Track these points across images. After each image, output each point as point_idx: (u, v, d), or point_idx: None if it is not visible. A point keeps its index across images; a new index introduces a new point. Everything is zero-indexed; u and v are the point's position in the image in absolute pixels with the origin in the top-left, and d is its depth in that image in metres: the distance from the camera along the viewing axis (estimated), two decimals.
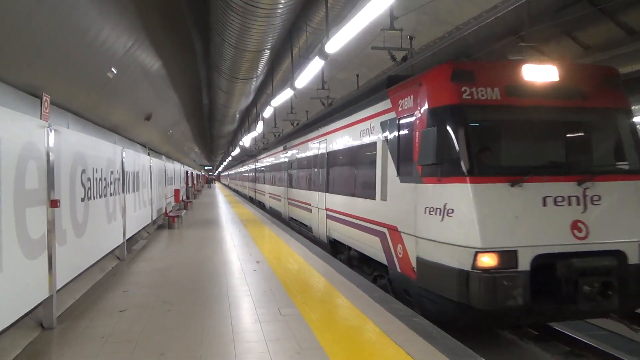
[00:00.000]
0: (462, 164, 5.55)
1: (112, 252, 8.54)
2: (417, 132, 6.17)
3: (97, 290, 6.77)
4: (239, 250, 10.21)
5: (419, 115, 6.22)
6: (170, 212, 16.37)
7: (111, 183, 8.07)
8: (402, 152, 6.65)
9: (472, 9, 8.77)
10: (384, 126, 7.39)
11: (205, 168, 78.76)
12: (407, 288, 6.60)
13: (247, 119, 27.78)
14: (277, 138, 24.30)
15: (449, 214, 5.56)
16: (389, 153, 7.16)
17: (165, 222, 15.40)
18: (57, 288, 5.24)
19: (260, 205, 26.08)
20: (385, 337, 4.75)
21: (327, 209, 10.84)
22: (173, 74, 14.42)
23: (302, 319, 5.33)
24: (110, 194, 8.01)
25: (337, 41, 7.60)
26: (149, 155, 15.27)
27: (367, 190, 8.14)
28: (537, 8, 8.50)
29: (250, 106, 22.06)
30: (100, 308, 5.87)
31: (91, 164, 6.78)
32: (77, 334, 4.91)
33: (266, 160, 24.08)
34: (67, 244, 5.66)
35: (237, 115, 22.84)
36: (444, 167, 5.70)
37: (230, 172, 70.11)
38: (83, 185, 6.38)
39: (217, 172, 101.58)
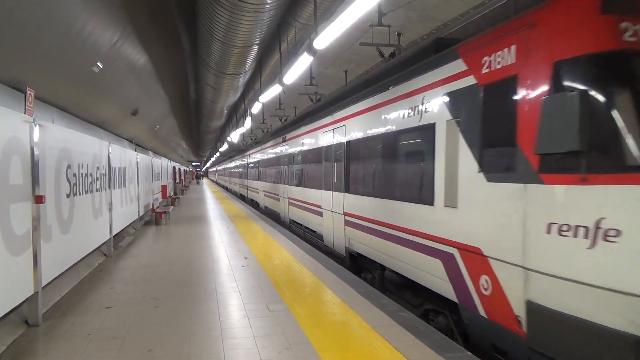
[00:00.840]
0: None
1: (98, 248, 8.47)
2: (529, 103, 4.06)
3: (84, 287, 6.71)
4: (227, 246, 10.18)
5: (534, 74, 4.05)
6: (157, 208, 16.25)
7: (97, 179, 7.98)
8: (491, 134, 4.55)
9: (460, 5, 8.82)
10: (451, 99, 5.24)
11: (193, 164, 78.24)
12: (501, 344, 4.48)
13: (235, 114, 27.65)
14: (275, 128, 21.65)
15: (610, 238, 3.34)
16: (461, 137, 5.01)
17: (152, 218, 15.30)
18: (43, 285, 5.18)
19: (254, 205, 24.06)
20: (373, 331, 4.79)
21: (345, 214, 8.87)
22: (160, 68, 14.28)
23: (290, 315, 5.35)
24: (97, 190, 7.93)
25: (326, 37, 7.59)
26: (135, 150, 15.14)
27: (417, 191, 6.06)
28: (524, 4, 8.57)
29: (238, 102, 21.95)
30: (86, 305, 5.82)
31: (77, 160, 6.71)
32: (63, 331, 4.87)
33: (261, 154, 21.60)
34: (52, 240, 5.59)
35: (225, 111, 22.72)
36: (596, 158, 3.52)
37: (219, 168, 68.00)
38: (68, 180, 6.31)
39: (204, 168, 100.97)
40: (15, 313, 4.90)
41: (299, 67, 10.00)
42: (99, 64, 9.95)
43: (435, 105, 5.64)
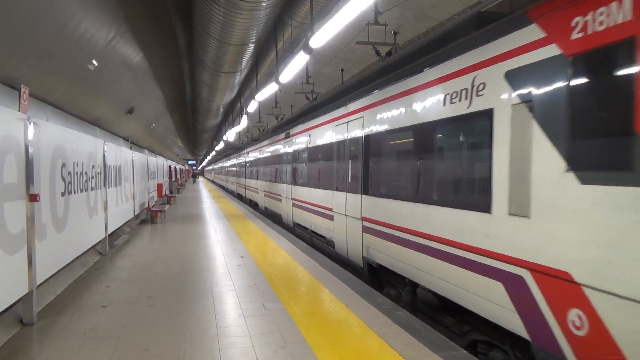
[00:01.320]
0: None
1: (93, 247, 8.44)
2: None
3: (79, 286, 6.68)
4: (223, 245, 10.16)
5: None
6: (153, 206, 16.20)
7: (92, 177, 7.95)
8: (588, 120, 3.48)
9: (456, 4, 8.83)
10: (520, 77, 4.14)
11: (189, 162, 78.06)
12: None
13: (231, 113, 27.59)
14: (276, 124, 19.83)
15: None
16: (535, 126, 3.90)
17: (148, 217, 15.25)
18: (37, 284, 5.16)
19: (253, 205, 23.06)
20: (369, 330, 4.79)
21: (364, 219, 7.76)
22: (156, 66, 14.23)
23: (286, 314, 5.34)
24: (92, 188, 7.90)
25: (322, 35, 7.58)
26: (131, 149, 15.08)
27: (464, 195, 4.95)
28: (519, 4, 8.58)
29: (234, 100, 21.90)
30: (81, 303, 5.80)
31: (72, 158, 6.68)
32: (58, 330, 4.84)
33: (261, 152, 20.34)
34: (47, 238, 5.57)
35: (221, 109, 22.67)
36: None
37: (215, 167, 67.05)
38: (63, 179, 6.28)
39: (200, 166, 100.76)
40: (10, 312, 4.88)
41: (295, 66, 9.98)
42: (94, 61, 9.90)
43: (493, 87, 4.51)
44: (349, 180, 8.59)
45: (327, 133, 10.16)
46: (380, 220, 7.12)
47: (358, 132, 8.13)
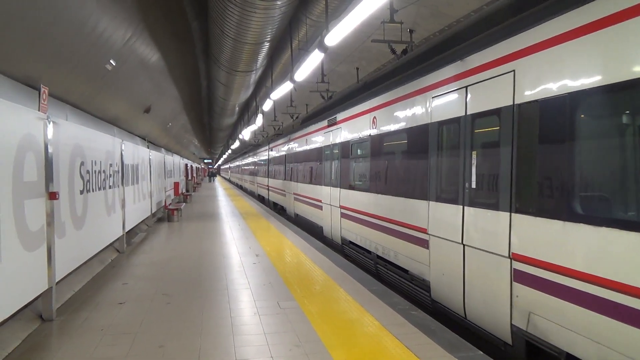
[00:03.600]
0: None
1: (111, 244, 8.55)
2: None
3: (97, 283, 6.78)
4: (239, 243, 10.21)
5: None
6: (169, 204, 16.35)
7: (110, 175, 8.05)
8: None
9: (472, 1, 8.73)
10: None
11: (205, 161, 78.62)
12: None
13: (247, 111, 27.70)
14: (310, 112, 16.23)
15: None
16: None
17: (164, 215, 15.41)
18: (57, 280, 5.24)
19: (278, 210, 20.16)
20: (384, 330, 4.76)
21: (516, 257, 4.44)
22: (172, 66, 14.36)
23: (301, 312, 5.34)
24: (110, 187, 8.00)
25: (337, 34, 7.55)
26: (148, 147, 15.25)
27: None
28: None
29: (249, 99, 22.00)
30: (99, 300, 5.88)
31: (90, 156, 6.77)
32: (77, 326, 4.92)
33: (289, 147, 17.53)
34: (66, 236, 5.65)
35: (237, 108, 22.79)
36: None
37: (232, 165, 62.63)
38: (82, 177, 6.37)
39: (216, 165, 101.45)
40: (30, 308, 4.98)
41: (310, 64, 9.96)
42: (112, 61, 10.02)
43: None
44: (465, 187, 5.33)
45: (415, 110, 6.72)
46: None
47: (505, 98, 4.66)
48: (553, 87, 4.03)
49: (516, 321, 4.44)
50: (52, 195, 5.04)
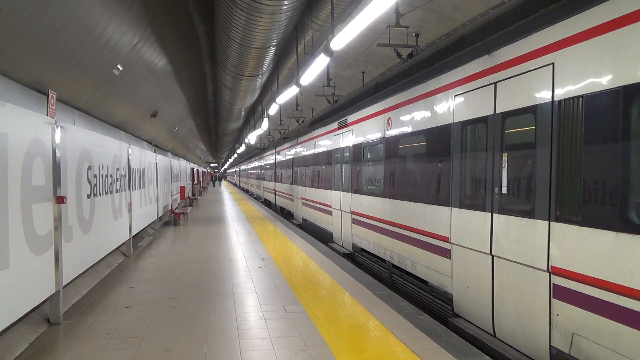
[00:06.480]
0: None
1: (118, 248, 8.59)
2: None
3: (103, 287, 6.81)
4: (245, 247, 10.22)
5: None
6: (176, 209, 16.42)
7: (117, 180, 8.10)
8: None
9: (478, 5, 8.72)
10: None
11: (211, 165, 78.81)
12: None
13: (253, 116, 27.79)
14: (317, 115, 15.19)
15: None
16: None
17: (171, 219, 15.47)
18: (64, 284, 5.27)
19: (285, 215, 19.15)
20: (390, 334, 4.74)
21: (554, 270, 4.01)
22: (178, 70, 14.45)
23: (307, 316, 5.33)
24: (116, 191, 8.04)
25: (343, 38, 7.57)
26: (154, 152, 15.32)
27: None
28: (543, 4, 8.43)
29: (255, 103, 22.08)
30: (106, 304, 5.90)
31: (97, 161, 6.81)
32: (84, 330, 4.93)
33: (296, 150, 16.81)
34: (73, 240, 5.69)
35: (243, 112, 22.88)
36: None
37: (238, 169, 61.08)
38: (89, 181, 6.41)
39: (222, 169, 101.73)
40: (37, 311, 5.00)
41: (316, 69, 9.99)
42: (119, 66, 10.10)
43: None
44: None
45: (436, 110, 6.20)
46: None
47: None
48: (603, 80, 3.53)
49: (556, 342, 3.96)
50: (60, 200, 5.07)
